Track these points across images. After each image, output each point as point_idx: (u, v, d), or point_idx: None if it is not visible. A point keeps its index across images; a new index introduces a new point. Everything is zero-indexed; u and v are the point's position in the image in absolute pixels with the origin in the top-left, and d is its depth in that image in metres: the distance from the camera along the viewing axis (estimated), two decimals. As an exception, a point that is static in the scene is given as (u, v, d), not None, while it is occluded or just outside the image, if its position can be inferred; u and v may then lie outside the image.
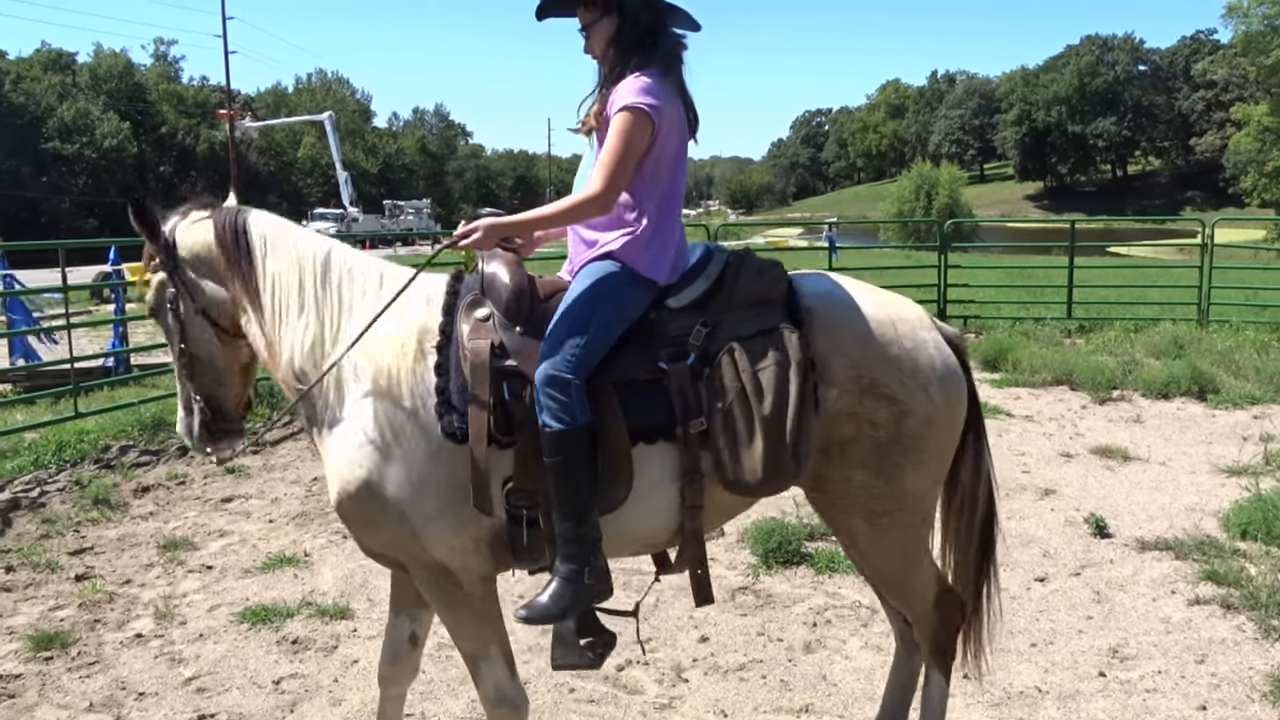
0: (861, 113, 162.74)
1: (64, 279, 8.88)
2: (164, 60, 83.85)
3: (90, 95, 68.79)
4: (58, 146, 62.30)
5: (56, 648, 4.54)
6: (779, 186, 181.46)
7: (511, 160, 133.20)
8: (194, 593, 5.21)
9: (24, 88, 63.46)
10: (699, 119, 3.09)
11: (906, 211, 56.29)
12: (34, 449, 7.70)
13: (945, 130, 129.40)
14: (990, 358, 11.10)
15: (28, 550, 5.79)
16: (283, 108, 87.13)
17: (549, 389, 2.72)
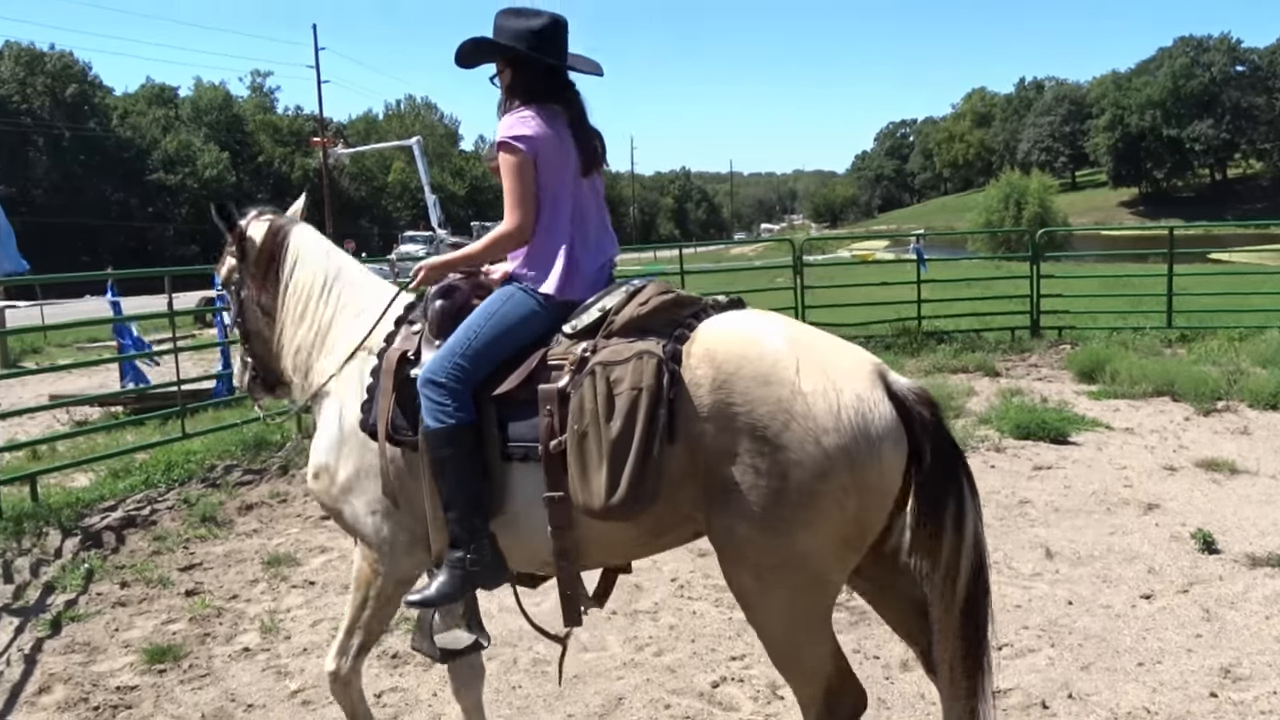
0: (947, 122, 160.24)
1: (170, 304, 9.25)
2: (260, 92, 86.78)
3: (192, 127, 71.65)
4: (162, 177, 64.94)
5: (169, 660, 4.73)
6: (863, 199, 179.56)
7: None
8: (297, 608, 5.37)
9: (131, 122, 66.39)
10: (603, 149, 3.33)
11: (995, 222, 55.13)
12: (144, 468, 8.02)
13: (1034, 138, 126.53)
14: (1087, 369, 10.82)
15: (141, 566, 6.04)
16: (373, 134, 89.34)
17: (425, 390, 2.98)
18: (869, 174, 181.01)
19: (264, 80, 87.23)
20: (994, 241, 48.95)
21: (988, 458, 7.71)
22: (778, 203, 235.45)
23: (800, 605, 2.82)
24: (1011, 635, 4.58)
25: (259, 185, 75.00)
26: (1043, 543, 5.76)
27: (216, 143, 70.60)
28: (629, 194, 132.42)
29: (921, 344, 12.94)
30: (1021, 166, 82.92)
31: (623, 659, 4.55)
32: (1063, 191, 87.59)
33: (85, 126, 61.20)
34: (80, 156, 60.70)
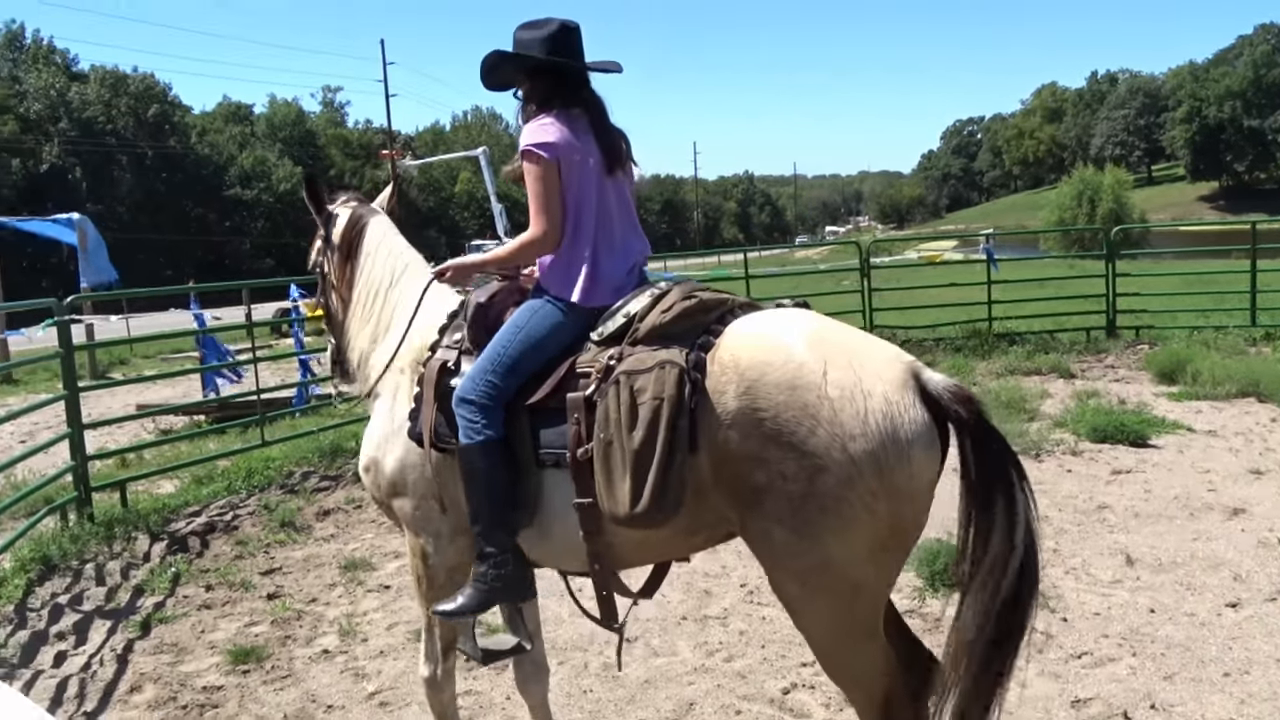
0: (1016, 119, 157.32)
1: (248, 316, 9.51)
2: (331, 107, 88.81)
3: (266, 143, 73.57)
4: (238, 192, 66.75)
5: (252, 662, 4.86)
6: (930, 199, 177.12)
7: (659, 185, 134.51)
8: (373, 611, 5.48)
9: (209, 139, 68.40)
10: (627, 146, 3.36)
11: (1068, 219, 53.99)
12: (226, 475, 8.25)
13: (1108, 132, 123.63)
14: (1166, 370, 10.54)
15: (224, 570, 6.22)
16: (440, 145, 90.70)
17: (459, 408, 3.07)
18: (936, 173, 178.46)
19: (335, 95, 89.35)
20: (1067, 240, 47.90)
21: (1064, 461, 7.57)
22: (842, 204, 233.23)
23: (842, 611, 2.79)
24: (1091, 643, 4.50)
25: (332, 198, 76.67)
26: (1122, 549, 5.63)
27: (290, 157, 72.35)
28: (692, 199, 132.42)
29: (993, 346, 12.73)
30: (1095, 162, 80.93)
31: (693, 664, 4.56)
32: (1138, 187, 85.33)
33: (166, 145, 63.19)
34: (161, 174, 62.69)
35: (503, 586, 3.12)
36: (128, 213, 57.97)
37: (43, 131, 56.39)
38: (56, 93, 58.02)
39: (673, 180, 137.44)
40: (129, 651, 5.06)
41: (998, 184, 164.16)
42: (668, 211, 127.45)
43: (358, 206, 3.84)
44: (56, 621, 5.44)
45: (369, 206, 3.87)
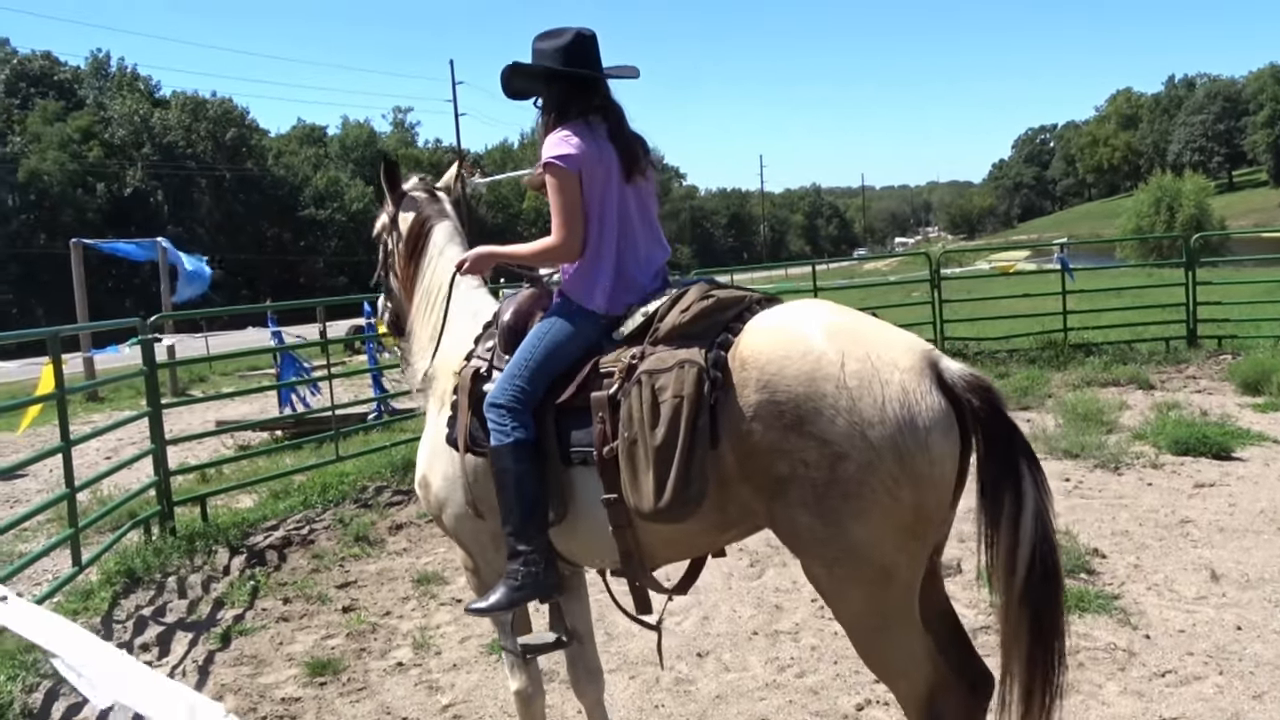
0: (1090, 126, 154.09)
1: (323, 334, 9.72)
2: (402, 127, 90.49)
3: (339, 164, 75.28)
4: (313, 213, 68.31)
5: (329, 674, 4.95)
6: (1002, 208, 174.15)
7: (725, 199, 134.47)
8: (446, 624, 5.55)
9: (284, 161, 70.15)
10: (646, 152, 3.44)
11: (1145, 227, 52.68)
12: (302, 490, 8.43)
13: (1186, 138, 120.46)
14: (1251, 380, 10.21)
15: (301, 583, 6.35)
16: (508, 163, 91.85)
17: (489, 412, 3.18)
18: (1007, 182, 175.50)
19: (405, 115, 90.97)
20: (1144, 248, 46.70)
21: (1144, 475, 7.37)
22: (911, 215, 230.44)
23: (874, 598, 2.81)
24: (1175, 661, 4.37)
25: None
26: (1207, 564, 5.47)
27: (362, 177, 73.84)
28: (758, 212, 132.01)
29: (1069, 357, 12.46)
30: (1172, 168, 78.86)
31: (765, 680, 4.53)
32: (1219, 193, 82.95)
33: (243, 167, 64.99)
34: (239, 196, 64.46)
35: (533, 584, 3.18)
36: (207, 234, 59.63)
37: (126, 156, 58.41)
38: (140, 119, 60.07)
39: (739, 193, 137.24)
40: (210, 663, 5.19)
41: (1071, 192, 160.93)
42: (734, 225, 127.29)
43: (426, 204, 3.96)
44: (141, 633, 5.61)
45: (437, 206, 3.98)
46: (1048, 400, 10.24)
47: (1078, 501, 6.81)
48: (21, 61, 60.13)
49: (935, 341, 12.90)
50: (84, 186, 55.14)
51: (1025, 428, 8.86)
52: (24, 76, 59.24)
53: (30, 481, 10.09)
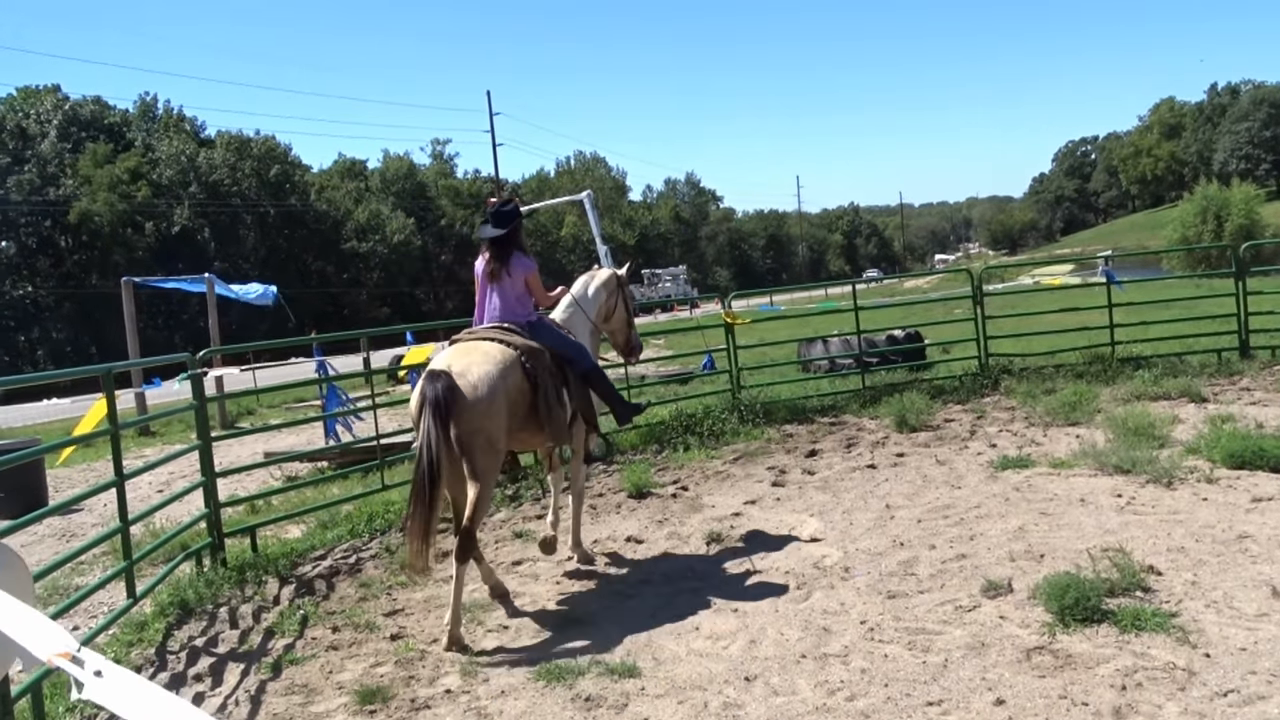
0: (1132, 136, 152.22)
1: (367, 364, 9.83)
2: (441, 159, 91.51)
3: (380, 196, 76.34)
4: (355, 245, 69.29)
5: (379, 702, 4.97)
6: (1043, 223, 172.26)
7: (762, 221, 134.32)
8: (494, 651, 5.55)
9: (326, 195, 71.30)
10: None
11: (1192, 238, 51.81)
12: (349, 519, 8.51)
13: (1231, 146, 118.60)
14: (1308, 391, 9.97)
15: (350, 612, 6.39)
16: (546, 190, 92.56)
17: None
18: (1048, 196, 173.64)
19: (443, 147, 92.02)
20: (1191, 259, 45.94)
21: (1199, 489, 7.21)
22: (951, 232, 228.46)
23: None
24: (1237, 680, 4.25)
25: (442, 247, 78.88)
26: (1268, 580, 5.33)
27: (403, 209, 74.89)
28: (796, 232, 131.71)
29: (1117, 371, 12.26)
30: (1219, 177, 77.59)
31: (814, 704, 4.48)
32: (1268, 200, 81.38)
33: (287, 203, 66.15)
34: (284, 231, 65.59)
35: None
36: (253, 269, 60.65)
37: (174, 195, 59.69)
38: (186, 158, 61.43)
39: (776, 214, 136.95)
40: (262, 693, 5.23)
41: (1114, 204, 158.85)
42: (771, 246, 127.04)
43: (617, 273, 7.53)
44: (194, 664, 5.67)
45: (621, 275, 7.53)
46: (1096, 415, 10.07)
47: (1131, 518, 6.68)
48: (74, 107, 61.73)
49: (979, 359, 12.76)
50: (133, 225, 56.46)
51: (1074, 444, 8.74)
52: (75, 121, 60.80)
53: (85, 515, 10.28)
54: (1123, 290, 13.58)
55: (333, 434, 11.84)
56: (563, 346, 6.52)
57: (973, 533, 6.72)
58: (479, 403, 5.67)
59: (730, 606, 5.83)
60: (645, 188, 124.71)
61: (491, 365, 5.83)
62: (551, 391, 6.16)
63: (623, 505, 8.46)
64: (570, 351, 6.56)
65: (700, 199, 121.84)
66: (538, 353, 6.16)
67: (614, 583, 6.51)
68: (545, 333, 6.48)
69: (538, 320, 6.55)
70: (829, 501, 8.00)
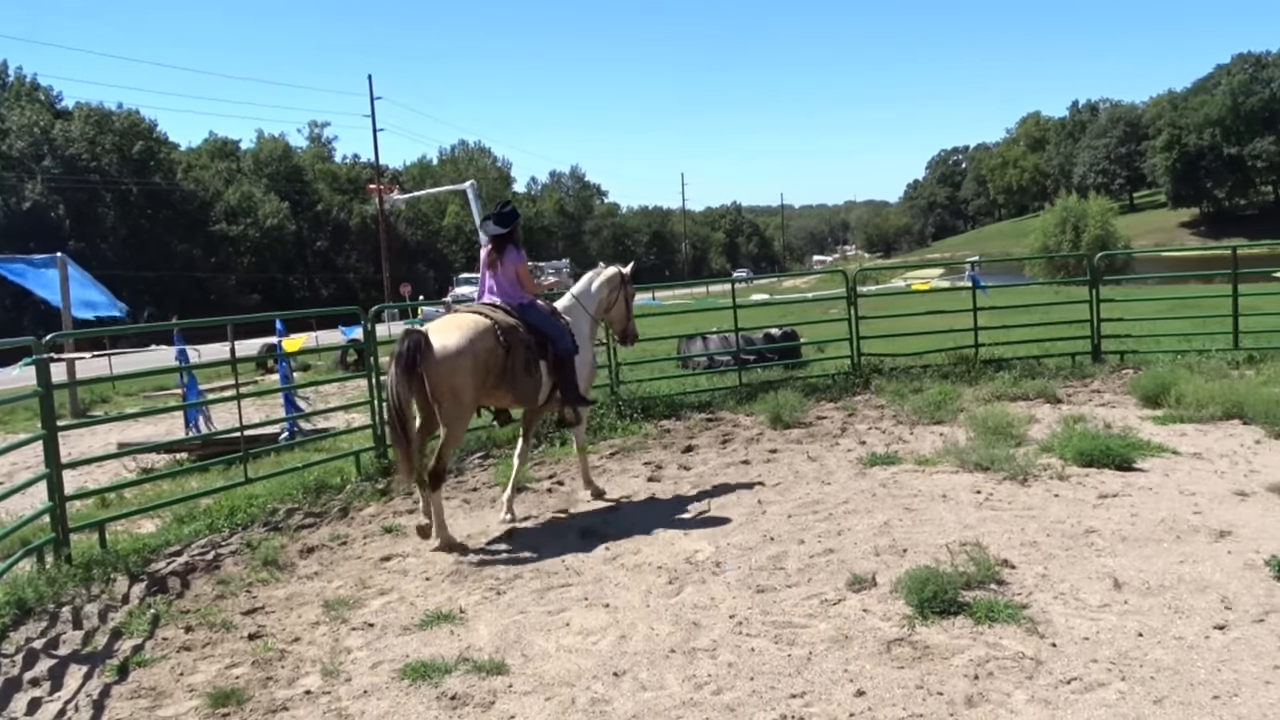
0: (1000, 148, 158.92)
1: (233, 352, 9.46)
2: (319, 142, 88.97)
3: (253, 179, 73.69)
4: (225, 228, 66.76)
5: (233, 704, 4.77)
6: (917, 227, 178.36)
7: (646, 217, 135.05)
8: (357, 649, 5.40)
9: (194, 175, 68.44)
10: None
11: (1052, 246, 54.42)
12: (208, 514, 8.16)
13: (1090, 161, 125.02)
14: (1151, 394, 10.55)
15: (205, 610, 6.12)
16: (428, 179, 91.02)
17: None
18: (921, 202, 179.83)
19: (322, 130, 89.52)
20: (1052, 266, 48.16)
21: (1051, 486, 7.55)
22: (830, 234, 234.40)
23: None
24: (1080, 669, 4.45)
25: (318, 233, 76.71)
26: (1110, 573, 5.60)
27: (277, 193, 72.43)
28: (680, 230, 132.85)
29: (980, 372, 12.75)
30: (1078, 190, 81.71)
31: (681, 698, 4.49)
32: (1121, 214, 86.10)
33: (151, 181, 63.20)
34: (147, 211, 62.66)
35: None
36: (112, 250, 57.86)
37: (25, 170, 56.28)
38: (40, 130, 57.97)
39: (660, 211, 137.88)
40: (105, 697, 4.96)
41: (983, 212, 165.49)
42: (655, 243, 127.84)
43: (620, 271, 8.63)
44: (31, 667, 5.33)
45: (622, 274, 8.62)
46: (960, 415, 10.44)
47: (988, 514, 6.94)
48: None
49: (852, 358, 13.09)
50: (-22, 200, 53.05)
51: (939, 442, 9.04)
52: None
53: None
54: (987, 295, 14.13)
55: (193, 424, 11.35)
56: (546, 327, 7.63)
57: (840, 528, 6.87)
58: (446, 360, 6.82)
59: (602, 601, 5.82)
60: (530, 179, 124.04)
61: (465, 331, 6.98)
62: (522, 362, 7.30)
63: (498, 500, 8.36)
64: (552, 332, 7.65)
65: (585, 193, 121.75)
66: (513, 328, 7.30)
67: (485, 578, 6.42)
68: (532, 313, 7.63)
69: (530, 303, 7.70)
70: (703, 497, 8.07)
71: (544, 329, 7.60)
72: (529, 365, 7.37)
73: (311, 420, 12.32)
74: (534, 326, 7.52)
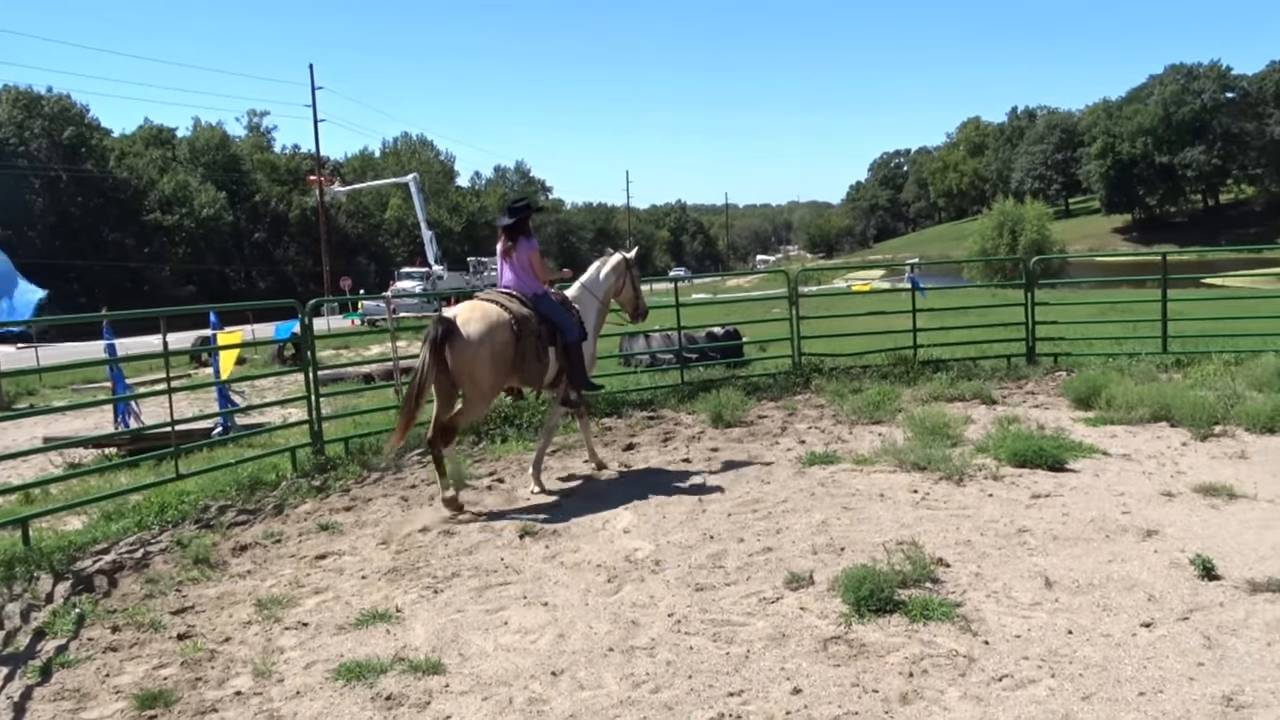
0: (941, 152, 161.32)
1: (165, 345, 9.24)
2: (257, 131, 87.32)
3: (189, 167, 72.04)
4: (159, 218, 65.20)
5: (160, 706, 4.65)
6: (858, 229, 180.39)
7: (591, 213, 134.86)
8: (290, 649, 5.30)
9: (127, 163, 66.73)
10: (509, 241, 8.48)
11: (990, 250, 55.43)
12: (138, 510, 7.97)
13: (1027, 166, 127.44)
14: (1083, 396, 10.78)
15: (133, 610, 5.97)
16: (370, 171, 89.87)
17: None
18: (864, 204, 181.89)
19: (261, 120, 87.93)
20: (989, 269, 49.03)
21: (985, 486, 7.67)
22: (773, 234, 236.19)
23: None
24: (1011, 666, 4.53)
25: (256, 224, 75.34)
26: (1042, 571, 5.71)
27: (214, 182, 70.92)
28: (624, 227, 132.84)
29: (918, 373, 12.92)
30: (1015, 195, 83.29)
31: (619, 697, 4.48)
32: (1057, 219, 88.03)
33: (82, 168, 61.53)
34: (77, 198, 60.99)
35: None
36: (40, 238, 56.26)
37: (-50, 154, 54.51)
38: (-35, 114, 56.16)
39: (605, 208, 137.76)
40: (27, 699, 4.81)
41: (923, 215, 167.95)
42: (600, 239, 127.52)
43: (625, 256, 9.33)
44: (-51, 667, 5.17)
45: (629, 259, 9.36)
46: (898, 415, 10.57)
47: (924, 513, 7.04)
48: None
49: (793, 357, 13.19)
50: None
51: (877, 441, 9.14)
52: None
53: None
54: (925, 297, 14.33)
55: (121, 419, 11.08)
56: (556, 317, 8.28)
57: (779, 526, 6.91)
58: (468, 347, 7.67)
59: (541, 600, 5.78)
60: (474, 174, 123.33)
61: (485, 323, 7.76)
62: (532, 349, 7.99)
63: (436, 497, 8.28)
64: (562, 323, 8.30)
65: (530, 188, 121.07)
66: (526, 319, 8.00)
67: (423, 576, 6.35)
68: (544, 304, 8.29)
69: (543, 294, 8.35)
70: (643, 495, 8.06)
71: (554, 319, 8.25)
72: (539, 352, 8.06)
73: (247, 415, 12.10)
74: (545, 316, 8.19)
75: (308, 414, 9.60)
